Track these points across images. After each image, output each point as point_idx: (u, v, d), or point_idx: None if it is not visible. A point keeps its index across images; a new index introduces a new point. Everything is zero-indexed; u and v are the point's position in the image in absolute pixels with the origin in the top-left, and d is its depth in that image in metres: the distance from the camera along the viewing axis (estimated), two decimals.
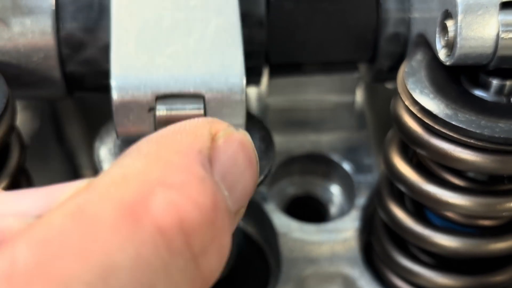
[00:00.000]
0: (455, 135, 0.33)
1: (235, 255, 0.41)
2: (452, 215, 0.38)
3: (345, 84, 0.49)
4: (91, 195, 0.20)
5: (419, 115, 0.34)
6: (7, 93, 0.34)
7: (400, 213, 0.39)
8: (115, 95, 0.31)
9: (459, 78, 0.36)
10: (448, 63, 0.34)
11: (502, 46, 0.33)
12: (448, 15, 0.34)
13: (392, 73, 0.39)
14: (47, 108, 0.53)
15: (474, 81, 0.35)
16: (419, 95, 0.34)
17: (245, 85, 0.31)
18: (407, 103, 0.34)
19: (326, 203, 0.51)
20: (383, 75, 0.41)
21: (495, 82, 0.34)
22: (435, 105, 0.33)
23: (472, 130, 0.32)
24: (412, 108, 0.34)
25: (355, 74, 0.46)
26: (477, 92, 0.35)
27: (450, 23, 0.33)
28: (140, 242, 0.19)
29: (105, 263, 0.19)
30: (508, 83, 0.34)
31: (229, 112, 0.31)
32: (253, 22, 0.38)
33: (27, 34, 0.36)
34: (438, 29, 0.35)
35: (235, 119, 0.31)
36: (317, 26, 0.39)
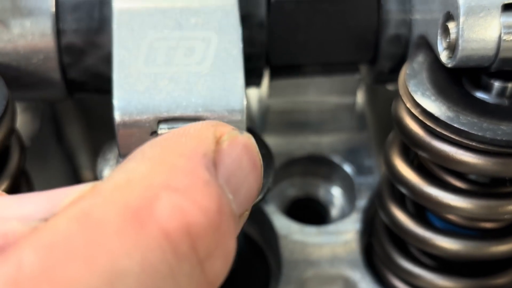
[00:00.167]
0: (456, 138, 0.33)
1: (235, 257, 0.41)
2: (453, 218, 0.38)
3: (346, 85, 0.49)
4: (95, 200, 0.20)
5: (421, 117, 0.34)
6: (7, 95, 0.34)
7: (401, 215, 0.39)
8: (118, 117, 0.31)
9: (460, 80, 0.35)
10: (449, 65, 0.34)
11: (504, 48, 0.33)
12: (449, 17, 0.33)
13: (393, 74, 0.39)
14: (47, 109, 0.53)
15: (475, 83, 0.35)
16: (421, 97, 0.34)
17: (245, 108, 0.32)
18: (409, 105, 0.34)
19: (326, 205, 0.51)
20: (384, 77, 0.41)
21: (497, 84, 0.34)
22: (436, 107, 0.33)
23: (474, 132, 0.32)
24: (413, 110, 0.34)
25: (356, 75, 0.46)
26: (479, 94, 0.35)
27: (451, 25, 0.33)
28: (146, 247, 0.19)
29: (112, 268, 0.18)
30: (510, 85, 0.34)
31: None
32: (253, 23, 0.38)
33: (26, 35, 0.36)
34: (439, 31, 0.35)
35: None
36: (318, 27, 0.39)
